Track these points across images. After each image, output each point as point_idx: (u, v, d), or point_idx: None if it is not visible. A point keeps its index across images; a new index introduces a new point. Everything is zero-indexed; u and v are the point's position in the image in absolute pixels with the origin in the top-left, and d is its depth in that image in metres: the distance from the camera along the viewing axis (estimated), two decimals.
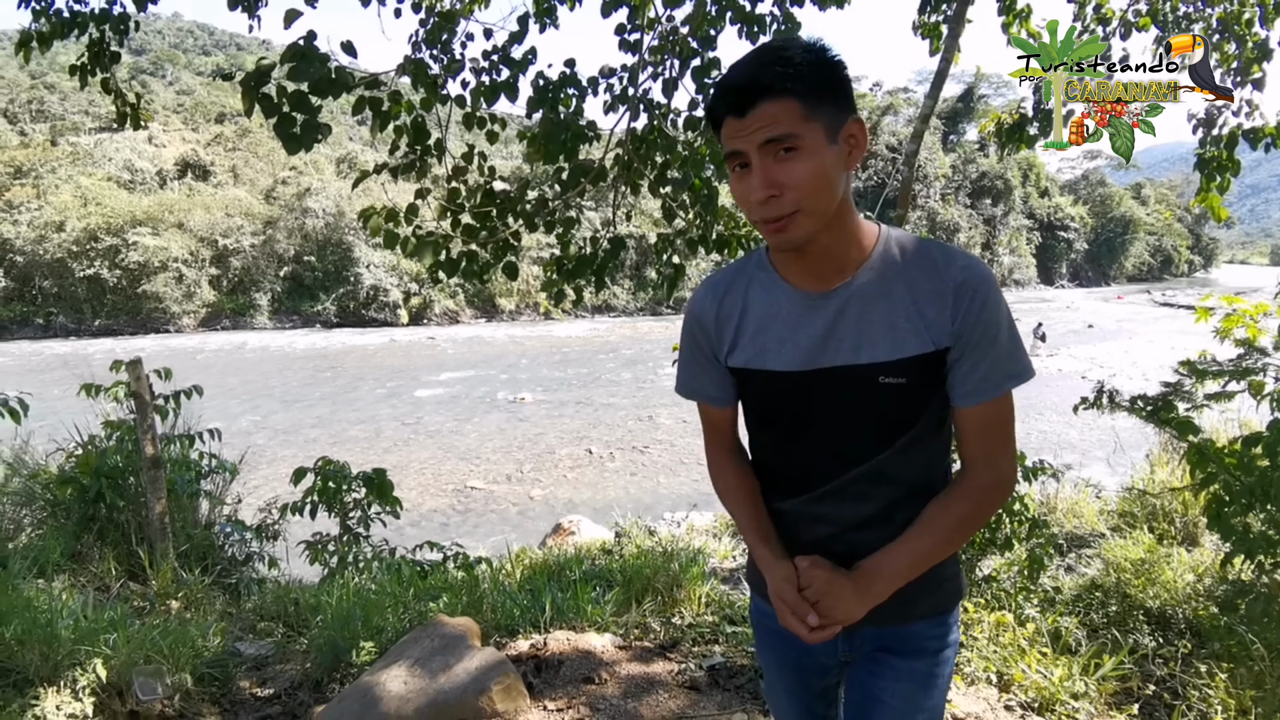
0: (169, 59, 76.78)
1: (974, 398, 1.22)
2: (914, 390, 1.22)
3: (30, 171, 36.81)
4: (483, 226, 3.71)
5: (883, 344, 1.21)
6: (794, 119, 1.11)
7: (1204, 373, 3.18)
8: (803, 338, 1.25)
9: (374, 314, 36.96)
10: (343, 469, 4.61)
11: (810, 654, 1.43)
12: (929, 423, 1.26)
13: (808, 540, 1.33)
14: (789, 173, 1.12)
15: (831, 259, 1.23)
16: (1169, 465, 5.41)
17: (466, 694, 2.69)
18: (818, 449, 1.30)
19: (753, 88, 1.11)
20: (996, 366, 1.21)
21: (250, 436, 13.76)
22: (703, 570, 4.11)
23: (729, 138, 1.15)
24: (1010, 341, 1.22)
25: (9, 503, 4.90)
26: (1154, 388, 3.35)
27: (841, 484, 1.29)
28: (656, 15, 3.96)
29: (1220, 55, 4.65)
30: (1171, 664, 3.04)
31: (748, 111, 1.11)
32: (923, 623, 1.36)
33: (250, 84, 2.80)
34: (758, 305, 1.30)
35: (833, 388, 1.25)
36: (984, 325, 1.19)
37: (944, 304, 1.19)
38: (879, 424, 1.25)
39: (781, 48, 1.14)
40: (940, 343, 1.20)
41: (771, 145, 1.12)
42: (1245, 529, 2.68)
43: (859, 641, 1.39)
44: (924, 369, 1.21)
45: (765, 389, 1.31)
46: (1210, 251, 77.29)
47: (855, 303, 1.23)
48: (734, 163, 1.18)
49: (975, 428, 1.26)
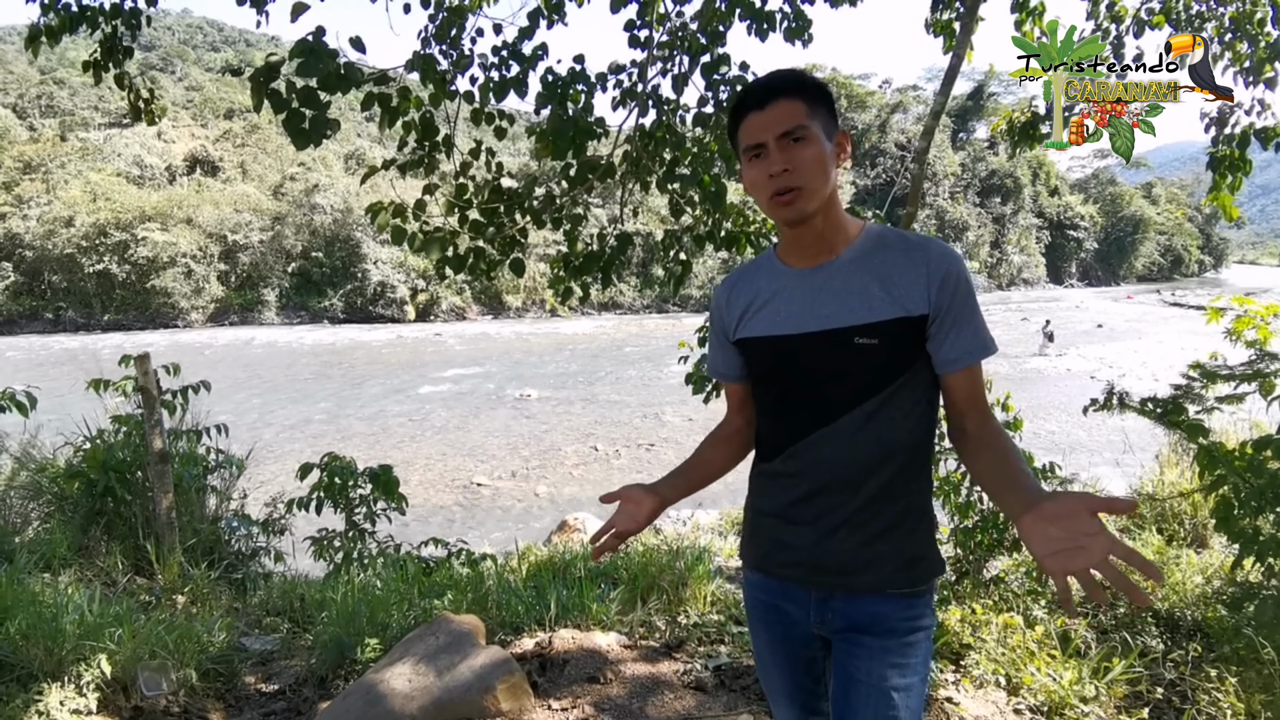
0: (178, 55, 77.02)
1: (958, 364, 1.39)
2: (887, 352, 1.38)
3: (40, 166, 37.00)
4: (490, 223, 3.70)
5: (859, 309, 1.39)
6: (802, 116, 1.37)
7: (1214, 374, 3.16)
8: (794, 307, 1.46)
9: (381, 310, 37.06)
10: (349, 465, 4.61)
11: (792, 625, 1.55)
12: (905, 386, 1.41)
13: (783, 499, 1.51)
14: (799, 156, 1.37)
15: (822, 240, 1.45)
16: (1178, 467, 5.37)
17: (471, 692, 2.68)
18: (801, 404, 1.46)
19: (773, 87, 1.39)
20: (975, 337, 1.39)
21: (257, 431, 13.81)
22: (708, 569, 4.10)
23: (752, 132, 1.39)
24: (980, 319, 1.41)
25: (16, 496, 4.92)
26: (1164, 389, 3.32)
27: (814, 440, 1.44)
28: (666, 11, 3.94)
29: (1233, 54, 4.61)
30: (1181, 667, 3.01)
31: (768, 104, 1.37)
32: (893, 601, 1.44)
33: (259, 80, 2.80)
34: (764, 287, 1.52)
35: (815, 348, 1.42)
36: (961, 301, 1.38)
37: (917, 277, 1.37)
38: (856, 381, 1.40)
39: (790, 70, 1.43)
40: (912, 310, 1.37)
41: (786, 136, 1.37)
42: (1255, 531, 2.66)
43: (831, 614, 1.49)
44: (897, 333, 1.37)
45: (762, 352, 1.51)
46: (1220, 251, 76.86)
47: (838, 276, 1.43)
48: (751, 154, 1.41)
49: (964, 390, 1.42)
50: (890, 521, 1.43)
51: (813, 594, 1.49)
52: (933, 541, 1.50)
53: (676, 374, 6.15)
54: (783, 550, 1.51)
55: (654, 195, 4.08)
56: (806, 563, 1.48)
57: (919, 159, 3.98)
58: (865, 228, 1.48)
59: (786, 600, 1.54)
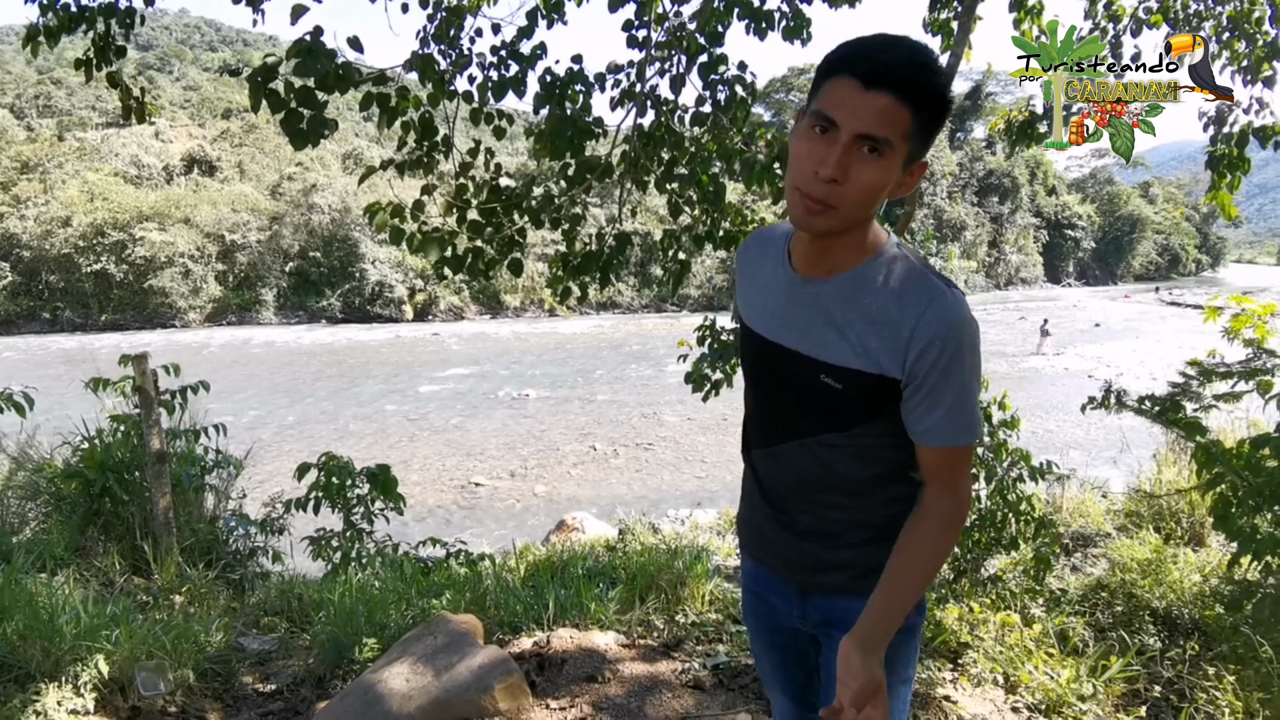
0: (176, 55, 76.80)
1: (928, 440, 1.26)
2: (850, 400, 1.27)
3: (37, 166, 36.89)
4: (489, 223, 3.70)
5: (830, 346, 1.26)
6: (900, 128, 1.11)
7: (1212, 372, 3.16)
8: (777, 311, 1.35)
9: (379, 310, 36.99)
10: (346, 465, 4.61)
11: (778, 614, 1.54)
12: (866, 434, 1.30)
13: (758, 492, 1.49)
14: (861, 172, 1.13)
15: (827, 257, 1.27)
16: (1176, 465, 5.38)
17: (469, 692, 2.68)
18: (769, 410, 1.42)
19: (890, 72, 1.09)
20: (947, 419, 1.23)
21: (255, 431, 13.78)
22: (707, 568, 4.10)
23: (835, 101, 1.12)
24: (969, 396, 1.24)
25: (13, 496, 4.91)
26: (1161, 387, 3.33)
27: (775, 452, 1.42)
28: (664, 11, 3.95)
29: (1231, 53, 4.62)
30: (1179, 665, 3.02)
31: (873, 88, 1.09)
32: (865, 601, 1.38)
33: (257, 80, 2.80)
34: (767, 269, 1.39)
35: (782, 364, 1.33)
36: (942, 378, 1.20)
37: (897, 336, 1.20)
38: (815, 412, 1.32)
39: (934, 63, 1.14)
40: (887, 370, 1.22)
41: (867, 140, 1.11)
42: (1252, 530, 2.66)
43: (810, 610, 1.47)
44: (863, 385, 1.24)
45: (746, 341, 1.45)
46: (1218, 251, 76.88)
47: (826, 298, 1.27)
48: (815, 122, 1.14)
49: (931, 462, 1.29)
50: (859, 535, 1.38)
51: (793, 589, 1.48)
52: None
53: (675, 373, 6.13)
54: (764, 542, 1.51)
55: (652, 195, 4.09)
56: (782, 557, 1.47)
57: None
58: (880, 249, 1.27)
59: (773, 593, 1.53)
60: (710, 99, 3.82)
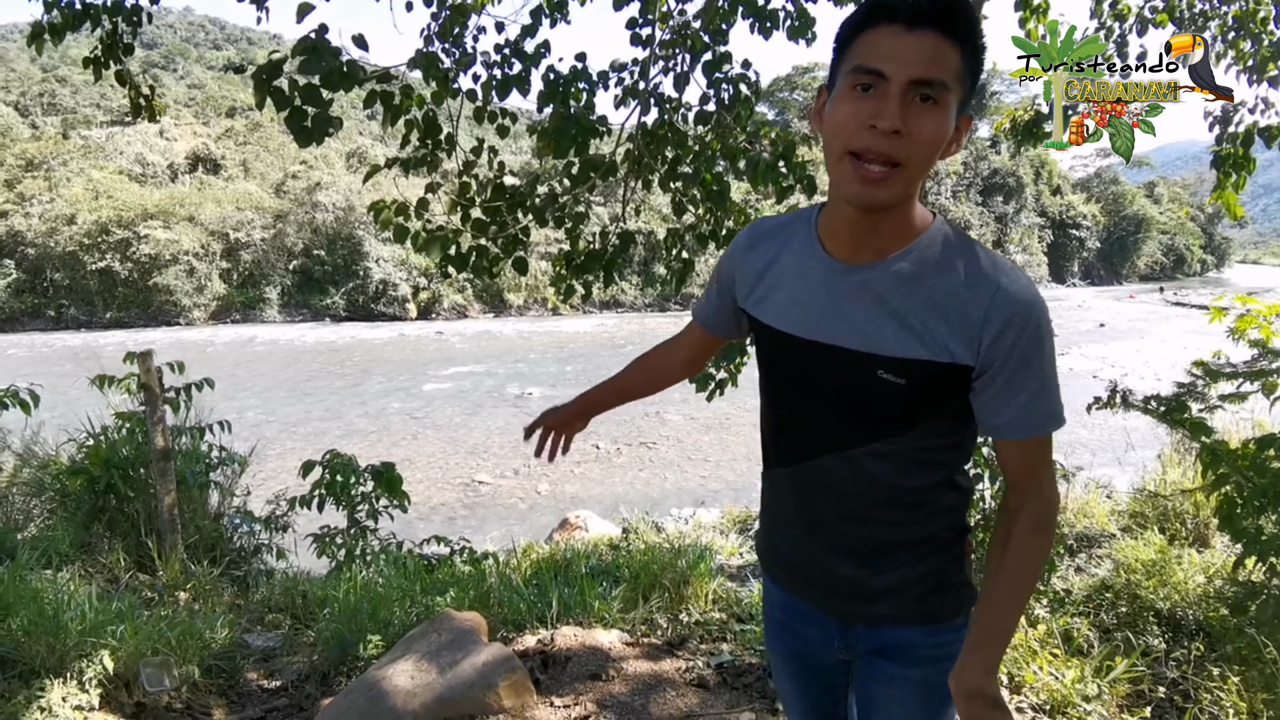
0: (180, 53, 76.98)
1: (1008, 433, 1.14)
2: (914, 396, 1.12)
3: (42, 164, 36.99)
4: (493, 221, 3.70)
5: (891, 338, 1.11)
6: (952, 68, 1.00)
7: (1217, 373, 3.15)
8: (814, 305, 1.17)
9: (383, 308, 37.01)
10: (351, 462, 4.62)
11: (811, 647, 1.39)
12: (927, 435, 1.17)
13: (786, 515, 1.33)
14: (921, 123, 1.00)
15: (877, 236, 1.12)
16: (1180, 466, 5.36)
17: (474, 689, 2.68)
18: (802, 421, 1.25)
19: (939, 7, 0.98)
20: (1035, 407, 1.12)
21: (259, 429, 13.80)
22: (710, 567, 4.10)
23: (880, 53, 0.99)
24: (1049, 379, 1.13)
25: (19, 493, 4.93)
26: (1166, 388, 3.32)
27: (815, 466, 1.23)
28: (668, 9, 3.94)
29: (1236, 53, 4.61)
30: (1183, 666, 3.01)
31: (918, 27, 0.98)
32: (922, 629, 1.28)
33: (262, 77, 2.80)
34: (787, 260, 1.23)
35: (828, 365, 1.16)
36: (1021, 361, 1.09)
37: (974, 319, 1.07)
38: (868, 418, 1.16)
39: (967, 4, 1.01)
40: (959, 357, 1.09)
41: (919, 86, 0.99)
42: (1257, 531, 2.65)
43: (854, 640, 1.32)
44: (930, 378, 1.10)
45: (768, 345, 1.27)
46: (1223, 251, 76.65)
47: (879, 285, 1.12)
48: (859, 80, 1.01)
49: (1014, 460, 1.17)
50: (910, 555, 1.24)
51: (834, 619, 1.33)
52: (963, 566, 1.30)
53: None
54: (795, 572, 1.36)
55: (656, 194, 4.09)
56: (820, 586, 1.31)
57: None
58: (931, 228, 1.14)
59: (805, 622, 1.38)
60: (714, 97, 3.82)
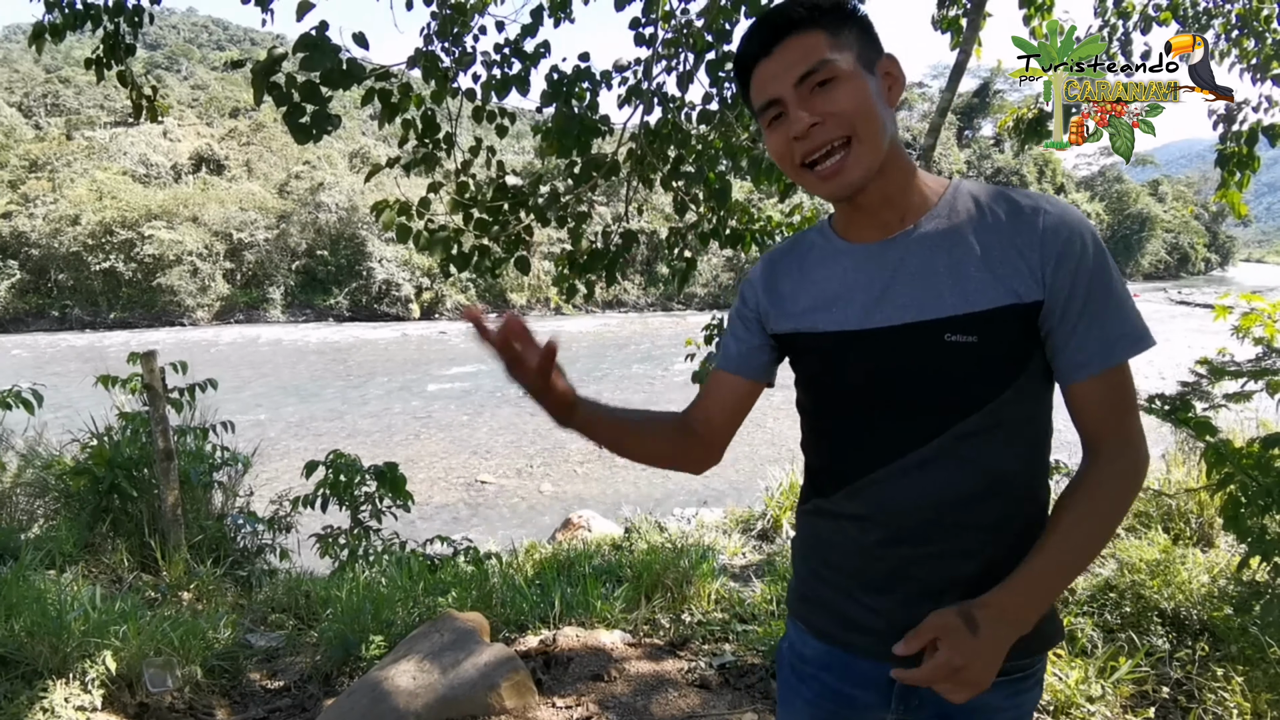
0: (183, 54, 77.16)
1: (1088, 369, 1.03)
2: (990, 353, 1.03)
3: (46, 165, 37.13)
4: (495, 221, 3.70)
5: (949, 296, 1.03)
6: (822, 48, 1.02)
7: (1222, 371, 3.14)
8: (858, 294, 1.10)
9: (386, 308, 37.09)
10: (354, 462, 4.62)
11: (852, 709, 1.19)
12: (1015, 399, 1.06)
13: (851, 550, 1.14)
14: (830, 101, 1.02)
15: (893, 207, 1.09)
16: (1185, 465, 5.35)
17: (476, 690, 2.68)
18: (868, 426, 1.11)
19: (778, 22, 1.04)
20: (1112, 329, 1.02)
21: (263, 429, 13.83)
22: (713, 567, 4.09)
23: (761, 86, 1.06)
24: (1124, 298, 1.04)
25: (23, 493, 4.94)
26: (1171, 387, 3.30)
27: (891, 472, 1.08)
28: (671, 9, 3.94)
29: (1240, 51, 4.60)
30: (1188, 667, 3.00)
31: (774, 47, 1.04)
32: (1002, 684, 1.07)
33: (261, 73, 2.80)
34: (813, 266, 1.17)
35: (890, 349, 1.07)
36: (1090, 281, 1.01)
37: (1030, 249, 1.01)
38: (946, 395, 1.05)
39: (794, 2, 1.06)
40: (1025, 295, 1.01)
41: (807, 81, 1.03)
42: (1262, 530, 2.64)
43: (917, 700, 1.13)
44: (1003, 326, 1.02)
45: (814, 353, 1.15)
46: (1227, 249, 76.56)
47: (918, 250, 1.07)
48: (768, 116, 1.07)
49: (1096, 404, 1.06)
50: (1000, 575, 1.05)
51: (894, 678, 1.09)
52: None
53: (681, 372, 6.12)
54: (853, 620, 1.16)
55: (659, 193, 4.08)
56: (887, 636, 1.08)
57: (925, 156, 3.96)
58: (953, 185, 1.11)
59: (856, 685, 1.18)
60: (717, 96, 3.81)
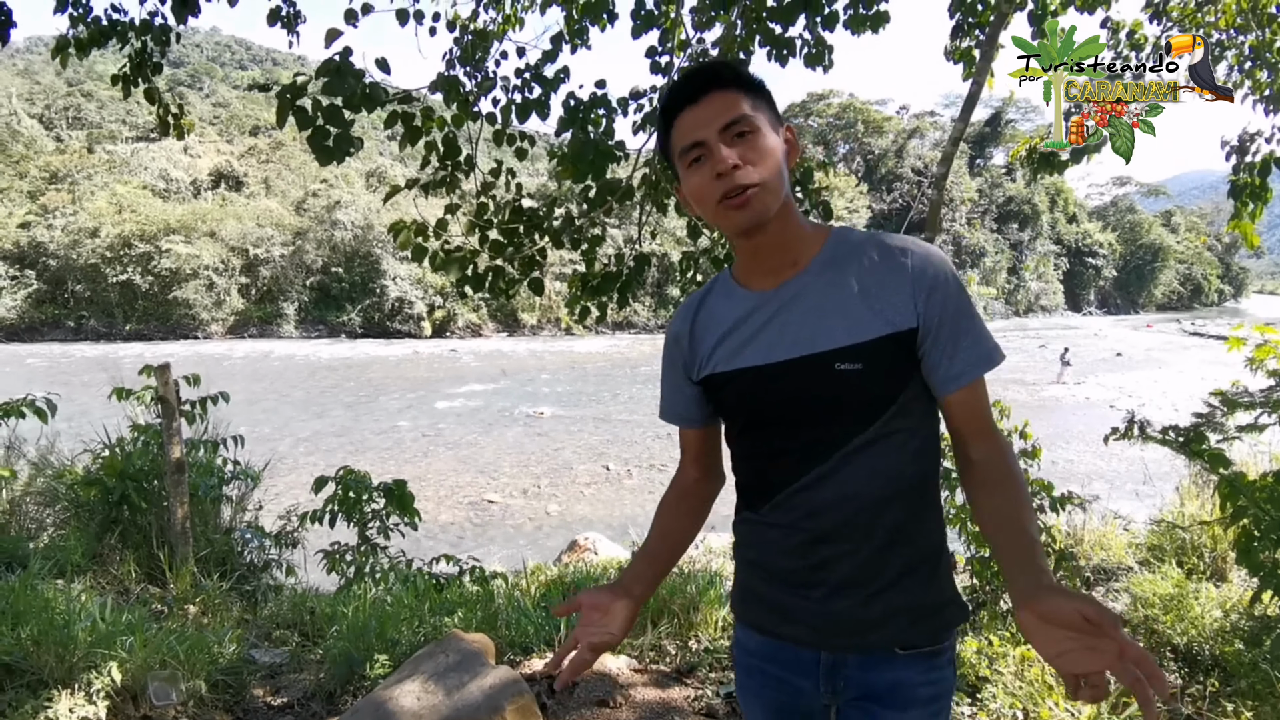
0: (206, 72, 78.37)
1: (959, 381, 1.22)
2: (874, 377, 1.21)
3: (66, 177, 37.64)
4: (510, 242, 3.73)
5: (838, 330, 1.21)
6: (743, 106, 1.21)
7: (1235, 403, 3.12)
8: (762, 335, 1.28)
9: (398, 326, 37.30)
10: (363, 479, 4.62)
11: (801, 699, 1.35)
12: (901, 412, 1.23)
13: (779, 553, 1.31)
14: (750, 148, 1.20)
15: (785, 252, 1.28)
16: (1199, 498, 5.30)
17: (480, 713, 2.67)
18: (782, 448, 1.28)
19: (705, 78, 1.23)
20: (974, 349, 1.22)
21: (273, 443, 13.88)
22: (720, 593, 4.06)
23: (688, 130, 1.23)
24: (981, 321, 1.24)
25: (33, 502, 4.97)
26: (1184, 418, 3.28)
27: (806, 484, 1.26)
28: (687, 38, 3.98)
29: (1253, 83, 4.61)
30: (1198, 702, 2.96)
31: (701, 97, 1.21)
32: (913, 663, 1.27)
33: (286, 96, 2.85)
34: (723, 313, 1.34)
35: (791, 380, 1.24)
36: (956, 309, 1.21)
37: (900, 285, 1.21)
38: (844, 412, 1.22)
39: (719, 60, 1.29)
40: (900, 324, 1.20)
41: (730, 129, 1.20)
42: (1274, 565, 2.61)
43: (842, 682, 1.30)
44: (884, 353, 1.20)
45: (732, 390, 1.32)
46: (1240, 281, 76.24)
47: (808, 293, 1.25)
48: (689, 158, 1.24)
49: (970, 407, 1.25)
50: (904, 567, 1.25)
51: (821, 659, 1.31)
52: (952, 583, 1.33)
53: None
54: (784, 612, 1.33)
55: (671, 217, 4.11)
56: (814, 625, 1.29)
57: (938, 184, 3.98)
58: (832, 233, 1.30)
59: (794, 672, 1.34)
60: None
